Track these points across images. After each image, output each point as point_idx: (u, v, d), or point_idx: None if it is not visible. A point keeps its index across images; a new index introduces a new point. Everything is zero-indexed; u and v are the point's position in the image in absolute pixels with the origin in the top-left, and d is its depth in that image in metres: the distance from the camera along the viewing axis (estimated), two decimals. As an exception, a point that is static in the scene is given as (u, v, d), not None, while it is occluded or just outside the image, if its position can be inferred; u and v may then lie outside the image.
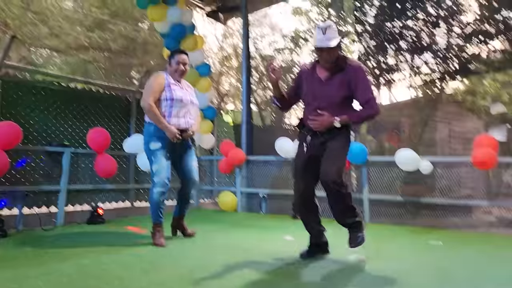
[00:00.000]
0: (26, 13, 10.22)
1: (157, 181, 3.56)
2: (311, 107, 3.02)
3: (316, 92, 3.00)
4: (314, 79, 3.04)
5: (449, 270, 2.75)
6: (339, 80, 2.94)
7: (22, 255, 3.14)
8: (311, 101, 3.03)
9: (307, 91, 3.07)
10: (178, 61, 3.70)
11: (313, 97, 3.01)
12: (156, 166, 3.58)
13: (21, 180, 4.70)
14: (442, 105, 9.80)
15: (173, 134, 3.55)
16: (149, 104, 3.52)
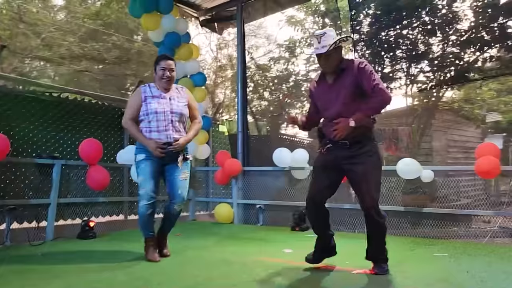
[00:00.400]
0: (17, 24, 10.12)
1: (142, 194, 3.37)
2: (327, 115, 3.00)
3: (326, 99, 3.00)
4: (321, 88, 3.05)
5: (458, 283, 2.62)
6: (344, 81, 2.90)
7: (8, 272, 2.97)
8: (325, 110, 3.02)
9: (319, 101, 3.07)
10: (163, 67, 3.46)
11: (325, 104, 3.00)
12: (140, 178, 3.41)
13: (9, 194, 4.53)
14: (439, 114, 9.76)
15: (153, 148, 3.34)
16: (125, 121, 3.47)
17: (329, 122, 2.95)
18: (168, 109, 3.43)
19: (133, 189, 5.88)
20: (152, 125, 3.40)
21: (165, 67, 3.46)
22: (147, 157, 3.41)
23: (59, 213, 4.82)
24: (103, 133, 5.67)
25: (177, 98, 3.54)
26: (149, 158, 3.41)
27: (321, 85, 3.07)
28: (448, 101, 10.19)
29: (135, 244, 4.26)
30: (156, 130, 3.40)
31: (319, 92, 3.07)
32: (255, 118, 14.34)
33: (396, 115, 10.36)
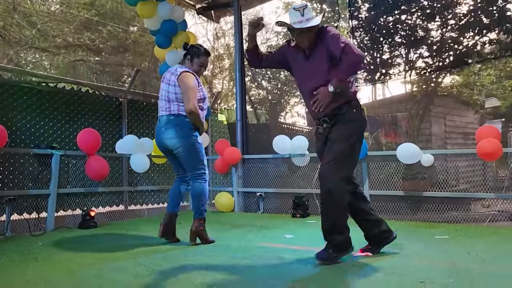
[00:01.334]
0: (12, 14, 10.00)
1: (207, 173, 3.55)
2: (307, 90, 2.89)
3: (303, 74, 2.90)
4: (299, 61, 2.91)
5: (460, 264, 2.62)
6: (321, 56, 2.78)
7: (9, 262, 2.97)
8: (304, 84, 2.92)
9: (297, 76, 2.97)
10: (201, 62, 3.57)
11: (302, 79, 2.92)
12: (205, 159, 3.53)
13: (8, 185, 4.51)
14: (437, 99, 9.74)
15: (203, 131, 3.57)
16: (195, 107, 3.38)
17: (308, 99, 2.87)
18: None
19: (132, 179, 5.86)
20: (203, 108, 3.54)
21: (203, 63, 3.60)
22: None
23: (59, 204, 4.81)
24: (101, 123, 5.62)
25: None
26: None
27: (299, 57, 2.90)
28: (447, 86, 10.16)
29: (135, 233, 4.27)
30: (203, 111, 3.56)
31: (296, 63, 2.93)
32: (253, 106, 14.31)
33: (395, 101, 10.33)
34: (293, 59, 2.94)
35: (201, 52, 3.56)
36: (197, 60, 3.53)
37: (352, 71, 2.81)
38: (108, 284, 2.34)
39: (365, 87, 11.79)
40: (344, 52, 2.62)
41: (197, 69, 3.54)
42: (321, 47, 2.77)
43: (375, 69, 8.30)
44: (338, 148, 2.71)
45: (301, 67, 2.90)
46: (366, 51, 8.19)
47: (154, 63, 12.64)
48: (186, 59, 3.60)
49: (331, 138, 2.79)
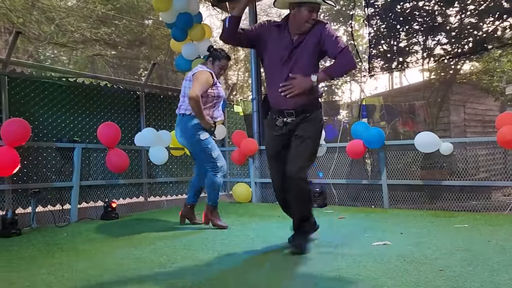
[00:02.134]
0: (30, 11, 10.18)
1: (221, 166, 3.82)
2: (280, 76, 2.71)
3: (282, 57, 2.71)
4: (281, 44, 2.72)
5: (481, 253, 2.61)
6: (310, 43, 2.68)
7: (36, 252, 3.08)
8: (278, 69, 2.73)
9: (271, 58, 2.76)
10: (222, 65, 3.89)
11: (281, 64, 2.72)
12: (216, 153, 3.81)
13: (32, 178, 4.65)
14: (456, 87, 9.56)
15: (209, 125, 3.78)
16: (197, 95, 3.61)
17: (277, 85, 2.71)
18: (224, 94, 4.01)
19: (151, 171, 5.96)
20: (217, 106, 3.91)
21: (223, 66, 3.91)
22: (209, 136, 3.85)
23: (81, 196, 4.93)
24: (120, 116, 5.72)
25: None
26: (210, 136, 3.86)
27: (282, 39, 2.72)
28: (466, 73, 9.96)
29: (156, 224, 4.36)
30: (217, 109, 3.94)
31: (276, 45, 2.72)
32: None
33: (413, 89, 10.20)
34: (272, 40, 2.74)
35: (222, 56, 3.89)
36: (218, 63, 3.87)
37: (342, 73, 2.81)
38: (131, 272, 2.42)
39: (382, 75, 11.66)
40: (343, 53, 2.62)
41: (217, 71, 3.87)
42: (311, 39, 2.68)
43: (391, 57, 8.20)
44: (311, 147, 2.74)
45: (281, 51, 2.71)
46: (382, 39, 8.10)
47: (170, 56, 12.72)
48: (208, 60, 3.92)
49: (301, 135, 2.72)
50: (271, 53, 2.75)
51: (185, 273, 2.37)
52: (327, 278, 2.18)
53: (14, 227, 3.80)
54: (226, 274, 2.35)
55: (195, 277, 2.28)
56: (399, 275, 2.18)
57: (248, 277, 2.27)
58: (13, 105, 4.62)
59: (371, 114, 8.89)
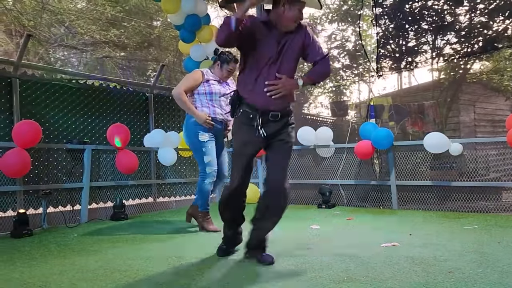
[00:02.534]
0: (41, 13, 10.31)
1: (209, 172, 3.77)
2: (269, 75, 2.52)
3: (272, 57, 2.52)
4: (270, 41, 2.53)
5: (491, 254, 2.59)
6: (295, 44, 2.58)
7: (47, 252, 3.12)
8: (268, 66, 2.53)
9: (261, 56, 2.53)
10: (230, 69, 3.90)
11: (269, 62, 2.52)
12: (208, 158, 3.77)
13: (43, 179, 4.70)
14: (466, 86, 9.48)
15: (202, 119, 3.72)
16: (178, 92, 3.74)
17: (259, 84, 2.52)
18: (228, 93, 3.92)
19: (160, 172, 6.00)
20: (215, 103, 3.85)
21: (231, 69, 3.92)
22: (211, 138, 3.81)
23: (91, 197, 4.98)
24: (129, 117, 5.76)
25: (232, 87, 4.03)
26: (212, 139, 3.81)
27: (270, 37, 2.53)
28: (476, 73, 9.88)
29: (165, 224, 4.39)
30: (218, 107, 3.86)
31: (266, 42, 2.52)
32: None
33: (422, 89, 10.13)
34: (263, 36, 2.53)
35: (230, 59, 3.89)
36: (227, 66, 3.88)
37: (322, 80, 2.82)
38: (141, 272, 2.44)
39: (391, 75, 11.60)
40: (325, 60, 2.63)
41: (226, 74, 3.91)
42: (296, 41, 2.56)
43: (400, 57, 8.16)
44: (289, 153, 2.64)
45: (270, 50, 2.53)
46: (391, 39, 8.06)
47: (179, 57, 12.79)
48: (216, 64, 3.93)
49: (288, 141, 2.61)
50: (260, 51, 2.53)
51: (195, 273, 2.38)
52: (335, 279, 2.19)
53: (25, 227, 3.86)
54: (236, 275, 2.36)
55: (205, 277, 2.29)
56: (407, 277, 2.17)
57: (258, 279, 2.29)
58: (24, 107, 4.68)
59: (380, 114, 8.84)
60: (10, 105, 4.57)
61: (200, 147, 3.78)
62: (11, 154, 3.90)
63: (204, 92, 3.84)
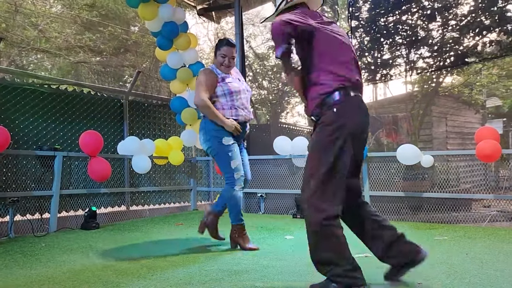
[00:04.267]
0: (14, 16, 10.06)
1: (238, 178, 3.37)
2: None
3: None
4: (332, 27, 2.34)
5: (459, 265, 2.65)
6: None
7: (13, 263, 3.01)
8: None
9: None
10: (223, 54, 3.45)
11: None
12: (236, 162, 3.37)
13: (11, 186, 4.55)
14: (438, 100, 9.76)
15: (231, 127, 3.34)
16: (203, 99, 3.33)
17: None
18: (245, 88, 3.55)
19: (134, 180, 5.90)
20: (237, 104, 3.44)
21: (225, 54, 3.46)
22: (234, 140, 3.41)
23: (61, 205, 4.84)
24: (103, 124, 5.66)
25: (242, 79, 3.69)
26: (234, 141, 3.41)
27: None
28: (447, 86, 10.18)
29: (137, 233, 4.31)
30: (241, 107, 3.46)
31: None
32: (254, 107, 14.35)
33: (396, 101, 10.36)
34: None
35: (221, 43, 3.51)
36: (219, 52, 3.48)
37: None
38: (110, 285, 2.38)
39: (366, 86, 11.82)
40: None
41: (220, 60, 3.47)
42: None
43: (375, 69, 8.33)
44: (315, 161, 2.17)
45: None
46: (366, 51, 8.23)
47: (155, 64, 12.68)
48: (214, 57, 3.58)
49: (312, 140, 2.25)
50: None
51: (166, 285, 2.34)
52: (307, 291, 2.18)
53: (-10, 237, 3.72)
54: (207, 286, 2.33)
55: None
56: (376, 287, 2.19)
57: (228, 290, 2.26)
58: (-7, 111, 4.54)
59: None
60: (-23, 110, 4.42)
61: (226, 152, 3.34)
62: (-24, 160, 3.76)
63: (223, 93, 3.42)
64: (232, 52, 3.47)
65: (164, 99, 7.00)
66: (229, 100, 3.42)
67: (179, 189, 6.54)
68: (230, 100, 3.42)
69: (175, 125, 6.70)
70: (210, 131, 3.40)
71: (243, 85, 3.57)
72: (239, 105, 3.45)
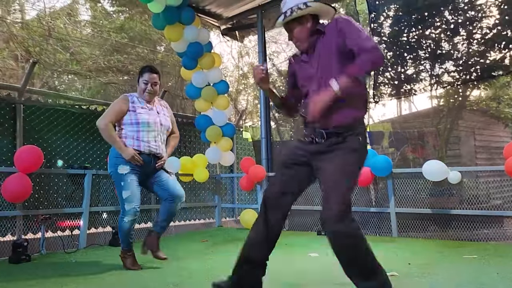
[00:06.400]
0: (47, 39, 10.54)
1: (128, 209, 3.31)
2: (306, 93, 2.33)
3: (305, 76, 2.32)
4: (301, 64, 2.36)
5: (488, 284, 2.58)
6: (322, 47, 2.24)
7: (45, 279, 3.11)
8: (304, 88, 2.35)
9: (301, 81, 2.38)
10: (146, 80, 3.42)
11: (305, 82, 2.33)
12: (127, 193, 3.30)
13: (43, 203, 4.72)
14: (465, 114, 9.57)
15: (129, 156, 3.27)
16: (104, 123, 3.32)
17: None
18: (158, 121, 3.46)
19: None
20: (142, 135, 3.37)
21: (147, 81, 3.42)
22: (132, 170, 3.33)
23: (90, 221, 4.98)
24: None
25: (162, 111, 3.57)
26: (134, 171, 3.33)
27: (299, 61, 2.37)
28: (475, 100, 9.98)
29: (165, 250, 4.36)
30: (149, 139, 3.39)
31: (299, 68, 2.37)
32: (277, 123, 14.40)
33: (422, 116, 10.22)
34: (296, 68, 2.41)
35: (143, 70, 3.49)
36: (142, 79, 3.44)
37: (369, 69, 2.27)
38: (138, 301, 2.43)
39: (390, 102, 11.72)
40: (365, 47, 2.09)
41: (143, 87, 3.43)
42: (327, 39, 2.22)
43: (399, 84, 8.27)
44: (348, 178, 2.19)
45: (303, 69, 2.34)
46: (389, 67, 8.19)
47: (180, 83, 12.97)
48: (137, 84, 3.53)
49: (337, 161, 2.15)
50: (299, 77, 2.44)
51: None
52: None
53: (24, 253, 3.85)
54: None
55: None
56: (405, 308, 2.16)
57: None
58: (28, 132, 4.75)
59: (379, 141, 8.89)
60: (13, 130, 4.64)
61: (119, 181, 3.31)
62: (12, 179, 3.93)
63: (131, 122, 3.38)
64: (154, 78, 3.44)
65: (189, 117, 7.15)
66: (135, 131, 3.36)
67: (204, 205, 6.61)
68: (136, 131, 3.36)
69: (199, 142, 6.81)
70: (112, 157, 3.39)
71: (158, 119, 3.46)
72: (144, 137, 3.37)
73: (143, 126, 3.38)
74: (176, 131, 3.76)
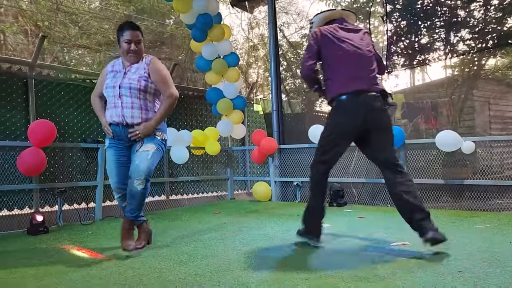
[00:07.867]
0: (55, 14, 10.47)
1: (112, 185, 3.12)
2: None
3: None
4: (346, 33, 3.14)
5: (501, 253, 2.58)
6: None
7: (63, 250, 3.20)
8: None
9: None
10: (127, 39, 2.98)
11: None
12: (108, 168, 3.13)
13: (59, 177, 4.81)
14: (480, 83, 9.36)
15: (104, 128, 3.07)
16: (92, 97, 3.20)
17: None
18: (117, 84, 2.98)
19: (172, 170, 6.07)
20: (108, 104, 3.05)
21: (130, 39, 2.98)
22: (110, 144, 3.09)
23: (105, 194, 5.07)
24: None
25: (134, 70, 3.04)
26: (112, 145, 3.08)
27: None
28: (490, 69, 9.74)
29: (178, 222, 4.45)
30: (111, 107, 3.01)
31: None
32: (288, 96, 14.29)
33: (435, 86, 10.04)
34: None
35: (122, 28, 3.03)
36: (122, 39, 3.01)
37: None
38: (153, 270, 2.49)
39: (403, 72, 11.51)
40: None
41: (125, 47, 2.99)
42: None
43: (413, 53, 8.09)
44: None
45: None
46: (403, 36, 8.00)
47: (190, 56, 12.86)
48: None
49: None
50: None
51: (206, 271, 2.42)
52: (345, 278, 2.20)
53: (42, 225, 3.95)
54: (246, 272, 2.40)
55: (216, 276, 2.33)
56: (416, 276, 2.18)
57: (264, 275, 2.32)
58: (40, 106, 4.79)
59: (392, 112, 8.78)
60: (26, 105, 4.67)
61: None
62: (27, 153, 4.00)
63: (104, 89, 3.07)
64: (137, 35, 3.00)
65: (200, 91, 7.13)
66: (107, 97, 3.05)
67: (216, 178, 6.67)
68: (106, 97, 3.05)
69: (211, 115, 6.81)
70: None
71: (119, 81, 2.98)
72: (109, 104, 3.02)
73: (107, 93, 3.03)
74: (168, 91, 3.05)
